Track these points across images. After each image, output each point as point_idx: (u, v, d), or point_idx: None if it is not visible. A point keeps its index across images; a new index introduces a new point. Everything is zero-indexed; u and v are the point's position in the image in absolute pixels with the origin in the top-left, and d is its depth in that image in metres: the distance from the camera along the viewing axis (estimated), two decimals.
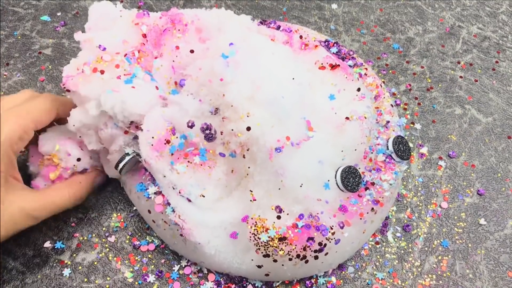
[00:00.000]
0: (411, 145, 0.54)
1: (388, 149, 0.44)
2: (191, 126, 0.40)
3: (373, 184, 0.43)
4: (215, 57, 0.39)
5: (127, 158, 0.41)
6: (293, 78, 0.41)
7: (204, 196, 0.39)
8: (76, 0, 0.67)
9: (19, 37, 0.61)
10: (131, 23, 0.44)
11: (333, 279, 0.44)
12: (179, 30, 0.44)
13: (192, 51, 0.43)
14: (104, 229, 0.46)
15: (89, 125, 0.41)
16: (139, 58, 0.42)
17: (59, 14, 0.65)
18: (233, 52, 0.39)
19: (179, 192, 0.40)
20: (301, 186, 0.39)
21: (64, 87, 0.40)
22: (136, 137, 0.41)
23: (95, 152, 0.44)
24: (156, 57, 0.44)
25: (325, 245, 0.39)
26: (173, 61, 0.43)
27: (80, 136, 0.42)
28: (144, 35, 0.44)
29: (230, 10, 0.46)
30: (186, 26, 0.44)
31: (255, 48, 0.41)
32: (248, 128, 0.37)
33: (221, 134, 0.40)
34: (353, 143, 0.42)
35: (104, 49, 0.41)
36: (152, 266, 0.44)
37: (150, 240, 0.46)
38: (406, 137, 0.55)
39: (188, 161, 0.40)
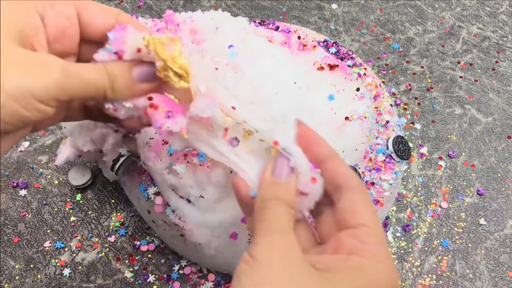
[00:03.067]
0: (411, 145, 0.54)
1: (388, 149, 0.44)
2: None
3: (373, 184, 0.43)
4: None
5: (122, 159, 0.41)
6: (295, 83, 0.41)
7: (203, 197, 0.39)
8: None
9: None
10: None
11: None
12: (170, 29, 0.45)
13: None
14: (104, 229, 0.46)
15: (81, 126, 0.41)
16: None
17: None
18: (233, 54, 0.39)
19: (179, 195, 0.40)
20: None
21: None
22: (125, 136, 0.41)
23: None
24: None
25: None
26: None
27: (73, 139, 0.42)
28: None
29: (230, 10, 0.47)
30: (178, 26, 0.45)
31: (254, 51, 0.41)
32: None
33: None
34: (353, 143, 0.42)
35: None
36: (152, 266, 0.44)
37: (150, 240, 0.46)
38: (406, 137, 0.55)
39: (187, 162, 0.40)
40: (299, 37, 0.48)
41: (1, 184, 0.49)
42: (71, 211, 0.47)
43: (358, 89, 0.44)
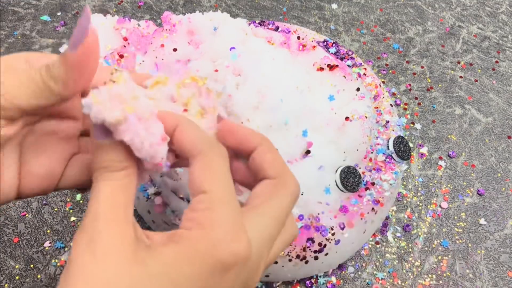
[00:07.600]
0: (411, 145, 0.54)
1: (388, 149, 0.44)
2: None
3: (373, 184, 0.43)
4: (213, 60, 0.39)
5: None
6: (297, 87, 0.41)
7: None
8: (76, 0, 0.67)
9: (19, 37, 0.61)
10: (112, 29, 0.45)
11: (333, 279, 0.44)
12: (167, 30, 0.45)
13: (175, 50, 0.43)
14: None
15: None
16: (118, 59, 0.43)
17: (59, 14, 0.65)
18: (235, 56, 0.39)
19: (179, 196, 0.40)
20: (302, 194, 0.39)
21: None
22: None
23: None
24: None
25: (325, 245, 0.39)
26: (156, 57, 0.43)
27: None
28: (125, 38, 0.45)
29: (230, 10, 0.46)
30: (174, 26, 0.45)
31: (255, 53, 0.41)
32: None
33: None
34: (355, 143, 0.42)
35: None
36: None
37: None
38: (406, 137, 0.55)
39: None
40: (298, 37, 0.48)
41: None
42: (71, 211, 0.47)
43: (358, 89, 0.44)
